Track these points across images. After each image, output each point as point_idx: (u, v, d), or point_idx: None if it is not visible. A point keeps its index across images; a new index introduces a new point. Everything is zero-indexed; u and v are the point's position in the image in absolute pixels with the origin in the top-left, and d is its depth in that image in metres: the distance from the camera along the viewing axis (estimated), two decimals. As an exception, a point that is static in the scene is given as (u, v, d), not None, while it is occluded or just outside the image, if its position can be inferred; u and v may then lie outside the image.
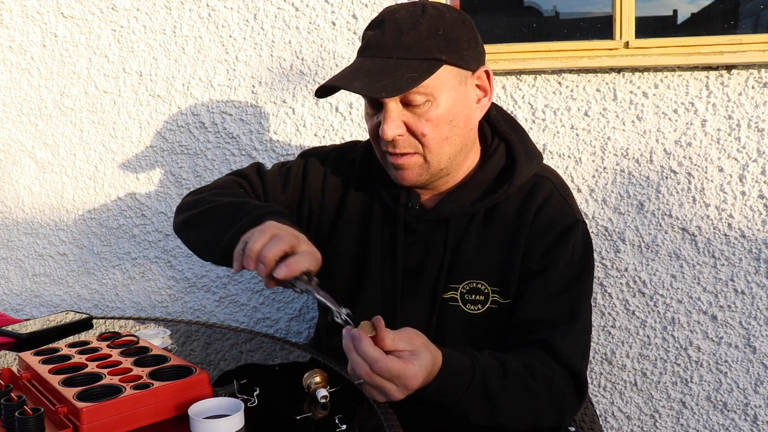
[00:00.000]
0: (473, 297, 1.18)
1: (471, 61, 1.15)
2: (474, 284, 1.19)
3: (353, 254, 1.28)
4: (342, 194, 1.31)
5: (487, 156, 1.24)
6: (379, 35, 1.12)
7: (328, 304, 0.98)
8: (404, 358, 0.93)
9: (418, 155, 1.14)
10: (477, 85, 1.18)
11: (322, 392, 0.94)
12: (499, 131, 1.25)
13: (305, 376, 0.97)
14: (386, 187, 1.25)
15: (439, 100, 1.11)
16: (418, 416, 1.17)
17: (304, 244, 1.02)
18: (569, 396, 1.13)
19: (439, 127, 1.12)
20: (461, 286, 1.19)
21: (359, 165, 1.32)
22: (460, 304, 1.19)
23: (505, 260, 1.18)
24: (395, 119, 1.10)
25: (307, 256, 1.00)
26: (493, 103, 1.25)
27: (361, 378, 0.92)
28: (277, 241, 0.99)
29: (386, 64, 1.09)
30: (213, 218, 1.20)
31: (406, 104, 1.10)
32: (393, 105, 1.10)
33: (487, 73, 1.19)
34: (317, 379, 0.96)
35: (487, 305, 1.18)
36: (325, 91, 1.13)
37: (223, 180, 1.37)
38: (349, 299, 1.28)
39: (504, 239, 1.19)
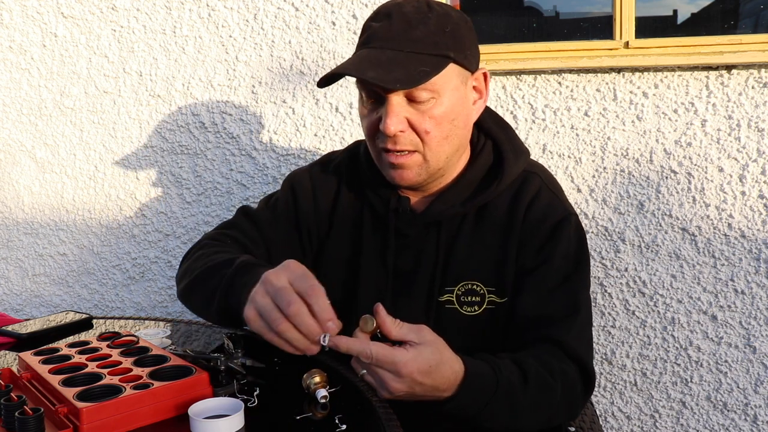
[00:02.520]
0: (469, 298, 1.18)
1: (473, 61, 1.15)
2: (469, 285, 1.18)
3: (346, 260, 1.27)
4: (332, 203, 1.30)
5: (474, 154, 1.23)
6: (387, 27, 1.09)
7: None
8: (403, 347, 0.93)
9: (417, 153, 1.13)
10: (474, 87, 1.18)
11: (322, 392, 0.94)
12: (485, 129, 1.25)
13: (305, 376, 0.97)
14: (375, 191, 1.24)
15: (443, 97, 1.10)
16: (418, 416, 1.17)
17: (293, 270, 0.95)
18: (580, 389, 1.12)
19: (442, 125, 1.11)
20: (457, 288, 1.18)
21: (345, 171, 1.31)
22: (457, 306, 1.18)
23: (499, 259, 1.17)
24: (398, 114, 1.08)
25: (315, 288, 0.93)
26: None
27: (358, 368, 0.93)
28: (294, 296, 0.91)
29: (396, 56, 1.07)
30: (198, 292, 1.17)
31: (411, 100, 1.09)
32: (397, 100, 1.08)
33: (485, 75, 1.19)
34: (317, 379, 0.96)
35: (484, 306, 1.17)
36: (328, 79, 1.11)
37: (210, 236, 1.32)
38: (343, 305, 1.28)
39: (496, 238, 1.18)
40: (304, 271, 0.94)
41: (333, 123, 1.91)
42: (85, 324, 1.36)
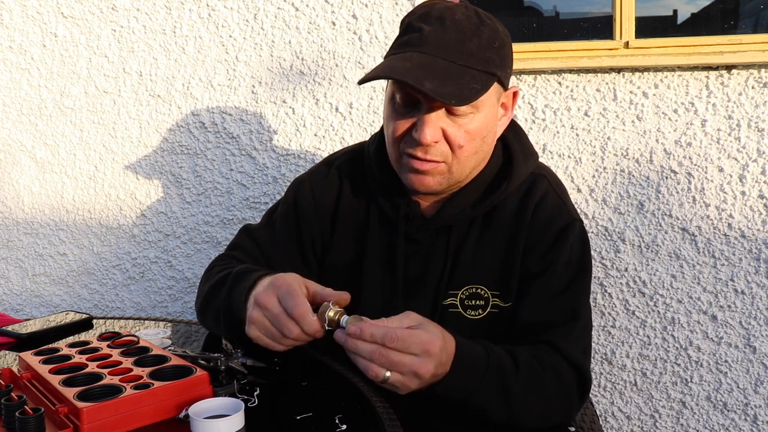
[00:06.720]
0: (473, 302, 1.17)
1: (508, 80, 1.15)
2: (474, 289, 1.17)
3: (349, 263, 1.26)
4: (334, 206, 1.29)
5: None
6: (441, 33, 1.06)
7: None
8: (413, 328, 0.93)
9: (444, 164, 1.12)
10: (502, 104, 1.17)
11: (345, 318, 0.95)
12: None
13: (321, 310, 0.97)
14: (384, 195, 1.22)
15: (481, 113, 1.09)
16: (418, 416, 1.17)
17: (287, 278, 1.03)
18: (575, 391, 1.12)
19: (475, 140, 1.11)
20: (460, 292, 1.18)
21: (346, 172, 1.29)
22: (461, 310, 1.17)
23: (505, 263, 1.17)
24: (436, 124, 1.07)
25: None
26: None
27: (380, 371, 0.90)
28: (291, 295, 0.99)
29: (450, 68, 1.05)
30: (208, 315, 1.21)
31: (449, 112, 1.08)
32: (437, 109, 1.07)
33: (515, 93, 1.18)
34: (331, 313, 0.96)
35: (488, 310, 1.17)
36: (369, 78, 1.08)
37: (217, 259, 1.34)
38: (346, 310, 1.27)
39: (503, 241, 1.18)
40: (289, 287, 0.99)
41: (333, 123, 1.92)
42: (85, 324, 1.36)
